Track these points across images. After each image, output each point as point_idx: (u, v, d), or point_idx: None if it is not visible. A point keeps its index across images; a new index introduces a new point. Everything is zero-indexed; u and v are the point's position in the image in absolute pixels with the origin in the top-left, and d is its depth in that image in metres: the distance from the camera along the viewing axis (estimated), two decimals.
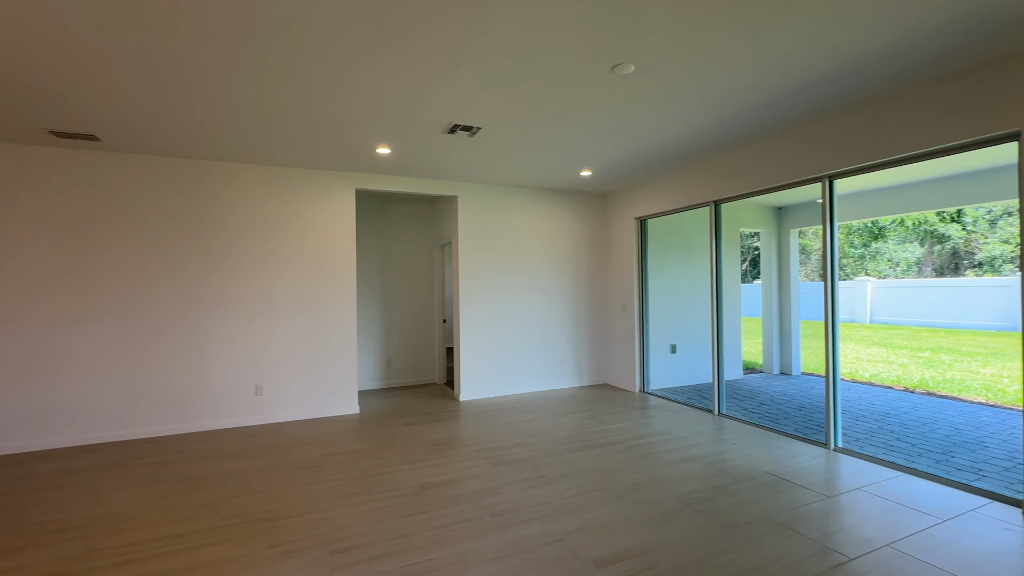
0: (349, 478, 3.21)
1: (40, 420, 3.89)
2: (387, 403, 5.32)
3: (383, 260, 6.22)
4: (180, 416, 4.28)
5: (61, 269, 3.96)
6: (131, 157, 4.16)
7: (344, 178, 4.89)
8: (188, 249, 4.33)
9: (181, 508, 2.79)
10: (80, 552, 2.34)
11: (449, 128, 3.62)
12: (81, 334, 4.01)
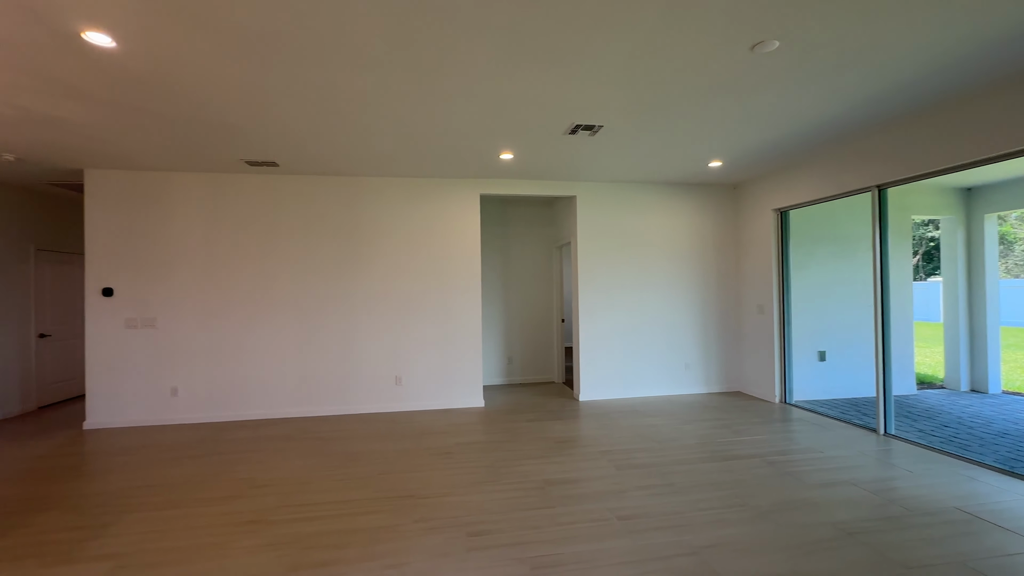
0: (480, 467, 3.41)
1: (238, 396, 4.79)
2: (509, 399, 5.53)
3: (504, 261, 6.48)
4: (336, 399, 4.95)
5: (250, 274, 4.84)
6: (300, 178, 4.92)
7: (469, 185, 5.20)
8: (342, 254, 4.98)
9: (342, 479, 3.23)
10: (272, 506, 2.83)
11: (570, 129, 3.65)
12: (264, 327, 4.85)
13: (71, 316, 5.89)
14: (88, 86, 2.80)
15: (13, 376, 5.07)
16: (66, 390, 5.79)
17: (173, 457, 3.70)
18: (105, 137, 3.67)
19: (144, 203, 4.66)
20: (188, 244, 4.73)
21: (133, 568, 2.21)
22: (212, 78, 2.73)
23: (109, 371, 4.59)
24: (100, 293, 4.58)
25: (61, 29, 2.21)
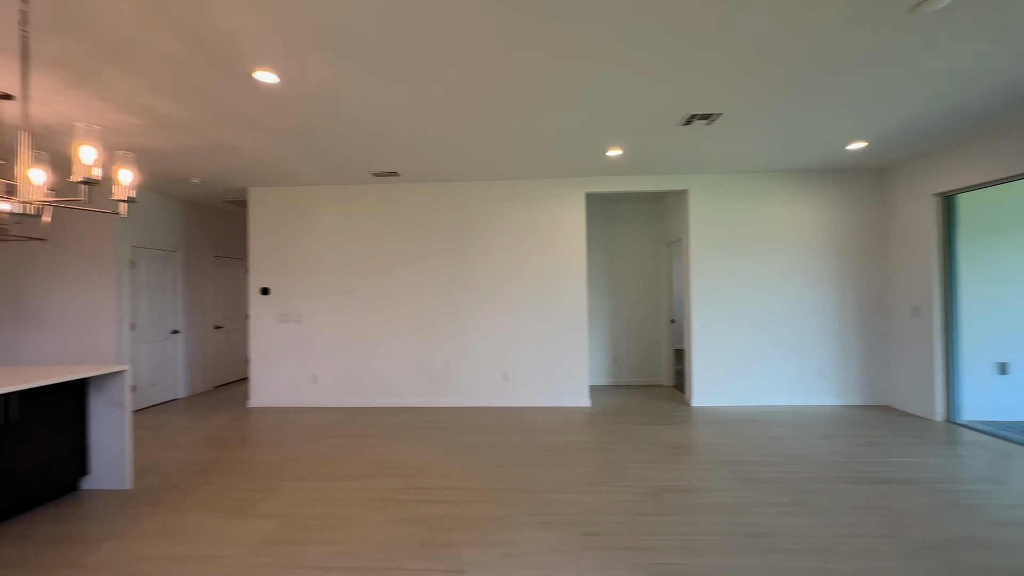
0: (590, 467, 3.39)
1: (365, 384, 5.32)
2: (616, 400, 5.41)
3: (609, 260, 6.35)
4: (449, 392, 5.26)
5: (375, 274, 5.33)
6: (417, 185, 5.31)
7: (575, 184, 5.19)
8: (454, 255, 5.28)
9: (459, 468, 3.43)
10: (399, 487, 3.10)
11: (685, 120, 3.46)
12: (387, 323, 5.32)
13: (237, 311, 7.01)
14: (256, 117, 3.30)
15: (197, 361, 6.17)
16: (234, 373, 6.91)
17: (316, 436, 4.22)
18: (264, 159, 4.31)
19: (292, 214, 5.38)
20: (325, 248, 5.36)
21: (293, 528, 2.57)
22: (350, 100, 3.06)
23: (266, 359, 5.38)
24: (260, 292, 5.39)
25: (239, 72, 2.64)
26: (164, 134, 3.59)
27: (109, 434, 3.11)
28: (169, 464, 3.55)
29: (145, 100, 2.98)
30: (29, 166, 1.51)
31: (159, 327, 5.60)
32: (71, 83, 2.73)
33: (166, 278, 5.73)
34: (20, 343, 5.04)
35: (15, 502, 2.68)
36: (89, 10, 2.06)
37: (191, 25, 2.19)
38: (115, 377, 3.10)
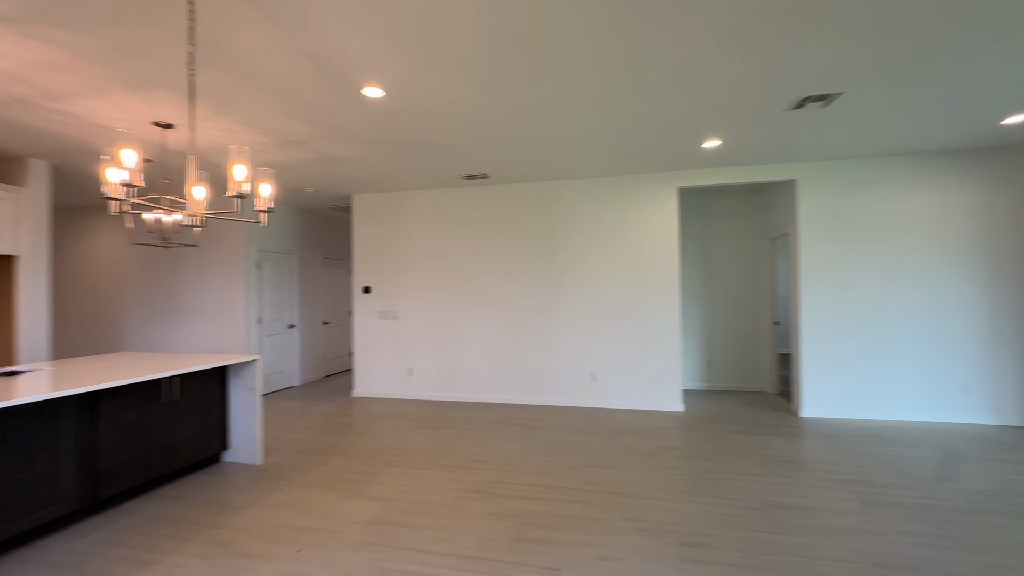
0: (686, 475, 3.24)
1: (456, 380, 5.54)
2: (711, 406, 5.11)
3: (703, 257, 6.00)
4: (536, 390, 5.30)
5: (465, 274, 5.53)
6: (505, 186, 5.42)
7: (667, 179, 4.97)
8: (541, 254, 5.31)
9: (549, 466, 3.45)
10: (492, 480, 3.19)
11: (796, 103, 3.16)
12: (476, 321, 5.50)
13: (341, 308, 7.66)
14: (362, 130, 3.58)
15: (309, 352, 6.84)
16: (339, 365, 7.57)
17: (413, 426, 4.48)
18: (367, 168, 4.66)
19: (390, 218, 5.77)
20: (419, 249, 5.67)
21: (398, 512, 2.75)
22: (445, 108, 3.20)
23: (368, 352, 5.82)
24: (362, 291, 5.85)
25: (350, 89, 2.88)
26: (286, 150, 4.03)
27: (244, 415, 3.56)
28: (290, 444, 3.98)
29: (273, 121, 3.36)
30: (195, 184, 1.78)
31: (279, 322, 6.30)
32: (217, 111, 3.16)
33: (284, 278, 6.42)
34: (175, 333, 5.95)
35: (176, 468, 3.17)
36: (233, 47, 2.37)
37: (313, 51, 2.43)
38: (249, 365, 3.54)
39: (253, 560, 2.27)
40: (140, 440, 2.93)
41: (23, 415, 2.37)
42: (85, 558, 2.30)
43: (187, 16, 2.03)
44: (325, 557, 2.29)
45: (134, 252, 6.14)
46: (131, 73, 2.64)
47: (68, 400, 2.56)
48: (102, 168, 1.65)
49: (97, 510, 2.77)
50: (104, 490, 2.72)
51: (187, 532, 2.54)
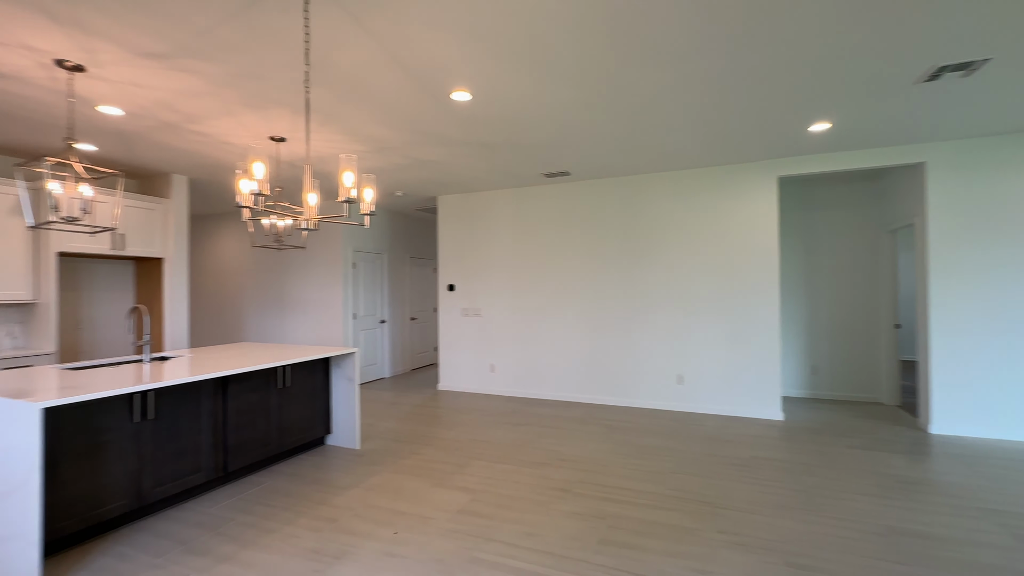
0: (789, 490, 2.98)
1: (537, 377, 5.57)
2: (817, 416, 4.65)
3: (807, 252, 5.47)
4: (619, 391, 5.17)
5: (546, 271, 5.54)
6: (587, 183, 5.34)
7: (765, 168, 4.59)
8: (624, 251, 5.16)
9: (635, 469, 3.34)
10: (576, 480, 3.17)
11: (930, 74, 2.76)
12: (557, 319, 5.48)
13: (427, 305, 8.03)
14: (449, 133, 3.72)
15: (398, 346, 7.26)
16: (425, 359, 7.95)
17: (496, 421, 4.58)
18: (452, 170, 4.83)
19: (473, 218, 5.93)
20: (501, 248, 5.77)
21: (484, 503, 2.83)
22: (527, 106, 3.22)
23: (452, 348, 6.05)
24: (447, 288, 6.08)
25: (439, 95, 3.00)
26: (380, 156, 4.29)
27: (344, 403, 3.86)
28: (384, 432, 4.25)
29: (369, 130, 3.60)
30: (309, 191, 1.96)
31: (372, 317, 6.75)
32: (321, 123, 3.45)
33: (376, 276, 6.87)
34: (283, 326, 6.61)
35: (289, 448, 3.52)
36: (338, 64, 2.57)
37: (407, 62, 2.56)
38: (349, 357, 3.83)
39: (356, 537, 2.45)
40: (260, 421, 3.30)
41: (173, 394, 2.76)
42: (220, 521, 2.64)
43: (304, 39, 2.22)
44: (419, 541, 2.42)
45: (252, 253, 6.91)
46: (253, 94, 2.96)
47: (205, 383, 2.94)
48: (236, 179, 1.86)
49: (227, 480, 3.16)
50: (232, 463, 3.09)
51: (300, 506, 2.81)
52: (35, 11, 2.08)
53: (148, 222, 4.61)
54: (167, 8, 2.07)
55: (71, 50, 2.41)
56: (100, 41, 2.34)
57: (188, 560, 2.27)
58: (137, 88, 2.85)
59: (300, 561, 2.25)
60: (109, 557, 2.29)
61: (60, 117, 3.28)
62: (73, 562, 2.26)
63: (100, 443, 2.44)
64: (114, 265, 4.94)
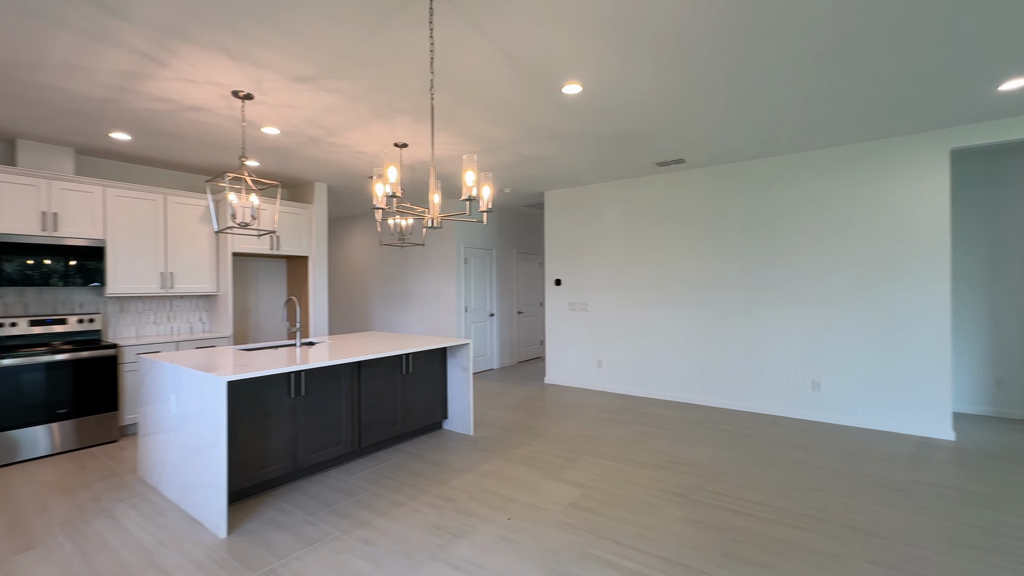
0: (964, 524, 2.49)
1: (647, 375, 5.36)
2: (1002, 439, 3.82)
3: (991, 238, 4.51)
4: (739, 394, 4.76)
5: (658, 265, 5.28)
6: (703, 170, 4.97)
7: (931, 140, 3.86)
8: (747, 241, 4.72)
9: (761, 481, 3.06)
10: (693, 486, 2.99)
11: None
12: (670, 315, 5.20)
13: (533, 299, 8.16)
14: (559, 127, 3.71)
15: (505, 339, 7.49)
16: (531, 352, 8.09)
17: (604, 418, 4.50)
18: (560, 164, 4.82)
19: (580, 212, 5.87)
20: (609, 241, 5.64)
21: (595, 500, 2.80)
22: (640, 93, 3.08)
23: (558, 342, 6.07)
24: (554, 283, 6.11)
25: (551, 90, 3.00)
26: (491, 155, 4.44)
27: (459, 391, 4.08)
28: (495, 421, 4.42)
29: (481, 130, 3.74)
30: (434, 191, 2.10)
31: (481, 310, 7.05)
32: (439, 127, 3.67)
33: (485, 271, 7.14)
34: (404, 317, 7.19)
35: (411, 430, 3.83)
36: (455, 69, 2.70)
37: (519, 59, 2.60)
38: (463, 348, 4.05)
39: (473, 519, 2.59)
40: (388, 403, 3.63)
41: (319, 375, 3.16)
42: (356, 489, 2.96)
43: (429, 48, 2.38)
44: (532, 530, 2.47)
45: (377, 251, 7.62)
46: (381, 105, 3.25)
47: (344, 367, 3.32)
48: (372, 184, 2.05)
49: (360, 455, 3.54)
50: (365, 439, 3.45)
51: (423, 483, 3.04)
52: (219, 52, 2.50)
53: (296, 225, 5.32)
54: (317, 36, 2.36)
55: (244, 82, 2.86)
56: (266, 71, 2.74)
57: (333, 520, 2.58)
58: (291, 109, 3.29)
59: (424, 534, 2.43)
60: (272, 510, 2.71)
61: (235, 139, 3.92)
62: (247, 511, 2.70)
63: (266, 413, 2.89)
64: (271, 263, 5.79)
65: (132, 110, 3.28)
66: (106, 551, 2.30)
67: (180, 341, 4.33)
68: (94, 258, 4.00)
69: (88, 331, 4.14)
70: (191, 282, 4.63)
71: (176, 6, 2.10)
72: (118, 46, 2.43)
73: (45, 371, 3.57)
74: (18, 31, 2.28)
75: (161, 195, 4.41)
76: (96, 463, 3.44)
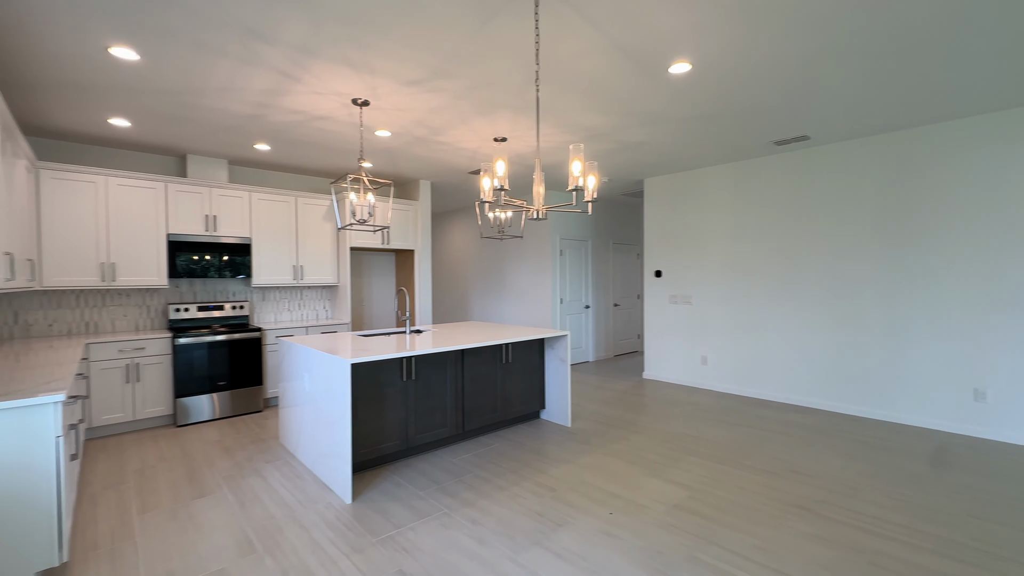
0: None
1: (759, 374, 4.93)
2: None
3: None
4: (874, 401, 4.18)
5: (774, 254, 4.81)
6: (831, 147, 4.40)
7: None
8: (883, 227, 4.11)
9: (905, 501, 2.67)
10: (818, 499, 2.70)
11: None
12: (787, 309, 4.72)
13: (630, 291, 7.91)
14: (663, 110, 3.53)
15: (601, 332, 7.35)
16: (628, 346, 7.87)
17: (709, 418, 4.23)
18: (663, 149, 4.58)
19: (683, 199, 5.55)
20: (716, 230, 5.25)
21: (702, 503, 2.65)
22: (758, 65, 2.80)
23: (658, 336, 5.82)
24: (653, 275, 5.86)
25: (656, 71, 2.85)
26: (590, 144, 4.36)
27: (556, 382, 4.10)
28: (592, 414, 4.38)
29: (580, 119, 3.68)
30: (539, 183, 2.12)
31: (576, 302, 6.99)
32: (540, 119, 3.68)
33: (580, 263, 7.06)
34: (500, 308, 7.39)
35: (510, 418, 3.94)
36: (557, 58, 2.68)
37: (624, 41, 2.51)
38: (561, 339, 4.05)
39: (573, 510, 2.60)
40: (488, 390, 3.76)
41: (428, 361, 3.37)
42: (461, 470, 3.12)
43: (535, 39, 2.39)
44: (635, 527, 2.41)
45: (475, 244, 7.90)
46: (483, 102, 3.33)
47: (449, 354, 3.50)
48: (480, 178, 2.12)
49: (463, 438, 3.72)
50: (467, 424, 3.61)
51: (523, 471, 3.11)
52: (343, 64, 2.75)
53: (404, 221, 5.70)
54: (427, 39, 2.48)
55: (362, 89, 3.11)
56: (381, 78, 2.95)
57: (440, 498, 2.75)
58: (401, 112, 3.52)
59: (526, 520, 2.49)
60: (388, 483, 2.95)
61: (353, 143, 4.29)
62: (367, 481, 2.98)
63: (382, 394, 3.15)
64: (381, 256, 6.28)
65: (272, 123, 3.73)
66: (258, 504, 2.69)
67: (308, 326, 4.88)
68: (242, 254, 4.64)
69: (239, 316, 4.83)
70: (317, 274, 5.19)
71: (310, 26, 2.34)
72: (263, 67, 2.77)
73: (208, 349, 4.24)
74: (190, 62, 2.70)
75: (293, 197, 4.99)
76: (247, 428, 4.03)
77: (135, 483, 2.97)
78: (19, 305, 3.91)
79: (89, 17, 2.24)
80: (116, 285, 4.05)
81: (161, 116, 3.54)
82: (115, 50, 2.54)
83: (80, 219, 3.89)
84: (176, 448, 3.57)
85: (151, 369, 4.01)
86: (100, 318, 4.25)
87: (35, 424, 1.90)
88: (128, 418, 3.91)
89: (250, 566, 2.12)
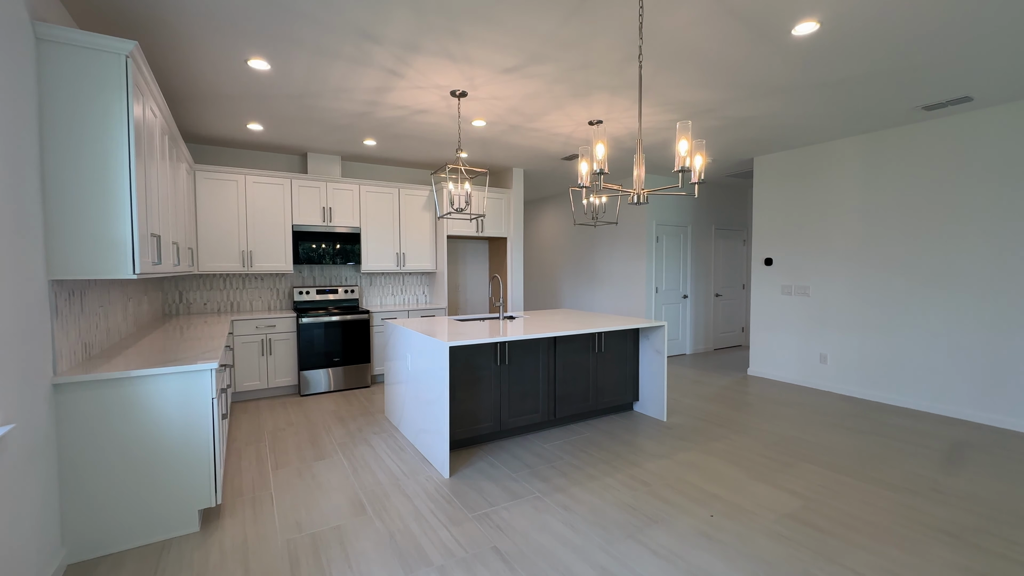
0: None
1: (892, 377, 4.30)
2: None
3: None
4: None
5: (916, 239, 4.13)
6: (999, 109, 3.65)
7: None
8: None
9: None
10: (971, 526, 2.30)
11: None
12: (931, 303, 4.04)
13: (734, 280, 7.33)
14: (781, 79, 3.16)
15: (700, 323, 6.91)
16: (730, 340, 7.32)
17: (828, 422, 3.80)
18: (778, 123, 4.12)
19: (801, 178, 4.97)
20: (841, 212, 4.64)
21: (818, 515, 2.39)
22: (906, 16, 2.38)
23: (767, 330, 5.33)
24: (763, 263, 5.36)
25: (776, 35, 2.56)
26: (693, 122, 4.05)
27: (651, 374, 3.94)
28: (689, 409, 4.15)
29: (682, 95, 3.44)
30: (640, 166, 2.02)
31: (673, 292, 6.64)
32: (636, 100, 3.50)
33: (678, 250, 6.67)
34: (592, 296, 7.26)
35: (602, 408, 3.87)
36: (662, 30, 2.51)
37: (738, 5, 2.27)
38: (656, 330, 3.88)
39: (669, 507, 2.49)
40: (580, 378, 3.73)
41: (520, 347, 3.42)
42: (552, 456, 3.14)
43: (638, 11, 2.26)
44: (739, 533, 2.25)
45: (567, 231, 7.83)
46: (579, 84, 3.25)
47: (541, 341, 3.52)
48: (578, 162, 2.07)
49: (555, 425, 3.73)
50: (559, 411, 3.62)
51: (615, 462, 3.05)
52: (443, 57, 2.84)
53: (497, 209, 5.81)
54: (524, 24, 2.46)
55: (460, 81, 3.19)
56: (478, 68, 3.00)
57: (532, 481, 2.80)
58: (496, 100, 3.56)
59: (618, 512, 2.44)
60: (483, 462, 3.07)
61: (451, 134, 4.44)
62: (463, 459, 3.12)
63: (477, 377, 3.26)
64: (475, 244, 6.47)
65: (379, 119, 3.99)
66: (368, 471, 2.95)
67: (409, 310, 5.20)
68: (352, 242, 5.07)
69: (351, 299, 5.30)
70: (417, 261, 5.50)
71: (413, 21, 2.44)
72: (371, 66, 2.96)
73: (325, 328, 4.71)
74: (311, 67, 2.97)
75: (396, 188, 5.32)
76: (358, 402, 4.42)
77: (270, 442, 3.41)
78: (184, 287, 4.65)
79: (233, 36, 2.55)
80: (253, 270, 4.65)
81: (287, 118, 3.95)
82: (252, 62, 2.87)
83: (225, 213, 4.50)
84: (300, 415, 4.04)
85: (280, 344, 4.56)
86: (241, 299, 4.92)
87: (196, 386, 2.25)
88: (263, 386, 4.50)
89: (362, 526, 2.33)
